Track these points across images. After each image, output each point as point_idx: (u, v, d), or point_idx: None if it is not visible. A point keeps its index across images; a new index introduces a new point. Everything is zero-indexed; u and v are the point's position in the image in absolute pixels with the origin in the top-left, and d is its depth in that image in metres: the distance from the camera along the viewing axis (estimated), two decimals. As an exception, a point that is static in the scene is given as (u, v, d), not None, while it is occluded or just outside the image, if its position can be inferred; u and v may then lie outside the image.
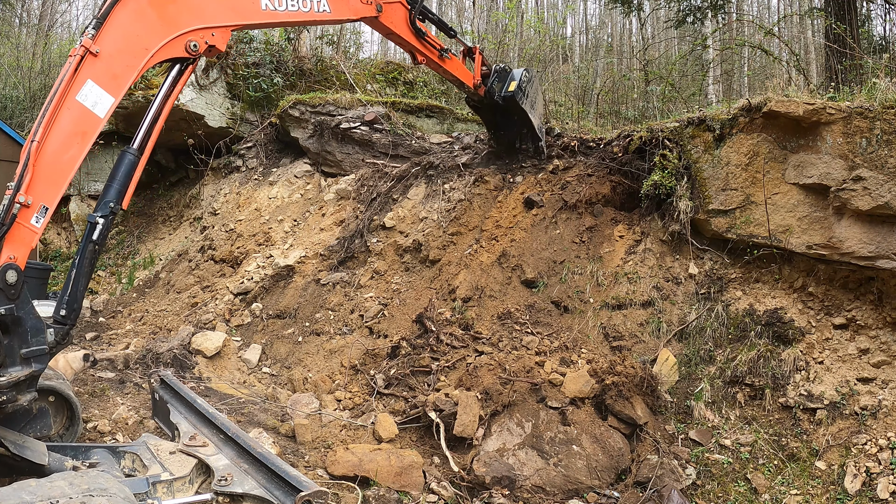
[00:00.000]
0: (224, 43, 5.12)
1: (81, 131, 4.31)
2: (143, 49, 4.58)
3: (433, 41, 7.69)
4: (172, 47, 4.78)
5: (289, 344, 8.63)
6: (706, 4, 13.17)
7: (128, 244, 13.12)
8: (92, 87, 4.31)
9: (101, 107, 4.37)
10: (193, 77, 12.11)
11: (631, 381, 6.60)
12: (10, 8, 22.72)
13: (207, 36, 4.98)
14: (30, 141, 4.11)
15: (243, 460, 4.42)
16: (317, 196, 11.26)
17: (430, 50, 7.65)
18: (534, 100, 9.18)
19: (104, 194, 4.69)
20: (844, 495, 5.69)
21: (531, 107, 9.04)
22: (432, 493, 5.53)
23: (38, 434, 4.89)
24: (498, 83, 8.81)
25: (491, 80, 8.81)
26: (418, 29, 7.38)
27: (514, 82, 8.80)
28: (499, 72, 8.88)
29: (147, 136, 4.87)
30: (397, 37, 7.30)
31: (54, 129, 4.19)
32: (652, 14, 20.32)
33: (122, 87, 4.47)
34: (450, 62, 8.06)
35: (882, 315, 6.55)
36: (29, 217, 4.11)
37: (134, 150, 4.79)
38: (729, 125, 7.49)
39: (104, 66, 4.36)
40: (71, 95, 4.24)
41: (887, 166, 6.17)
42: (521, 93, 8.81)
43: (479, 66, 8.75)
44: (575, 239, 8.65)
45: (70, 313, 4.51)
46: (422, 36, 7.46)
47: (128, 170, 4.73)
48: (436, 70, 8.12)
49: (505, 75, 8.91)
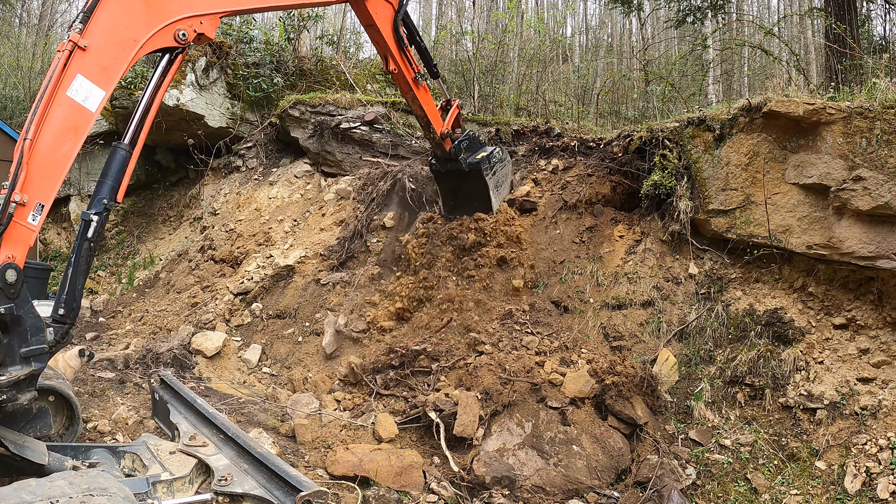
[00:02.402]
0: (213, 30, 5.02)
1: (74, 126, 4.28)
2: (132, 40, 4.52)
3: (412, 59, 7.32)
4: (161, 37, 4.71)
5: (289, 344, 8.64)
6: (706, 4, 13.17)
7: (128, 244, 13.12)
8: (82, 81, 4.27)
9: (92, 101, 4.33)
10: (193, 77, 12.11)
11: (631, 381, 6.61)
12: (10, 8, 22.72)
13: (196, 24, 4.90)
14: (22, 139, 4.08)
15: (243, 460, 4.42)
16: (317, 196, 11.27)
17: (405, 65, 7.25)
18: (500, 182, 8.61)
19: (97, 191, 4.67)
20: (844, 495, 5.69)
21: (495, 186, 8.46)
22: (432, 493, 5.53)
23: (38, 434, 4.89)
24: (467, 149, 8.28)
25: (461, 140, 8.28)
26: (400, 36, 7.08)
27: (484, 153, 8.38)
28: (471, 138, 8.42)
29: (138, 130, 4.84)
30: (376, 31, 6.93)
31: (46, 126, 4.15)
32: (652, 14, 20.32)
33: (113, 80, 4.43)
34: (422, 92, 7.59)
35: (882, 315, 6.55)
36: (25, 215, 4.09)
37: (125, 145, 4.76)
38: (729, 125, 7.49)
39: (93, 60, 4.32)
40: (61, 91, 4.20)
41: (887, 166, 6.17)
42: (488, 165, 8.35)
43: (453, 118, 8.27)
44: (575, 239, 8.65)
45: (69, 312, 4.50)
46: (401, 45, 7.13)
47: (120, 165, 4.70)
48: (404, 93, 7.60)
49: (476, 145, 8.45)
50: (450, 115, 8.26)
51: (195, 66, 12.10)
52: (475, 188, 8.45)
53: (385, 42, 7.04)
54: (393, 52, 7.12)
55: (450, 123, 8.21)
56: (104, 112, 12.28)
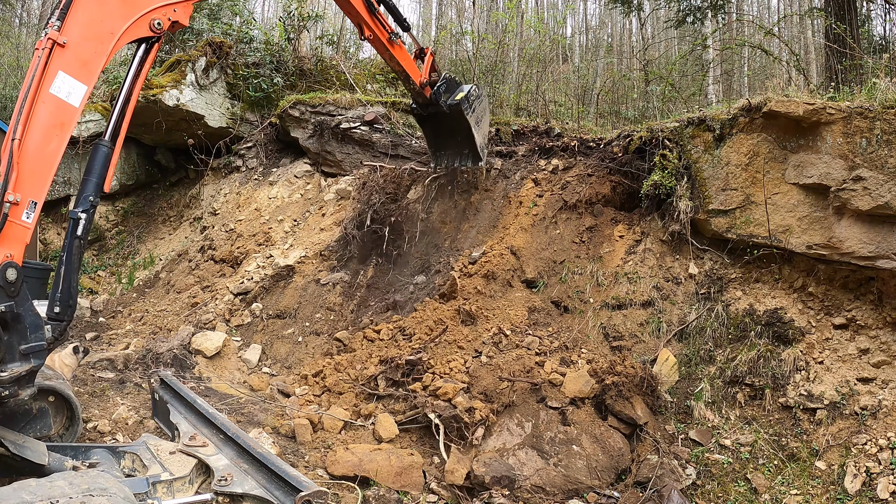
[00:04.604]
0: (187, 17, 5.13)
1: (59, 123, 4.36)
2: (109, 33, 4.61)
3: (384, 21, 7.62)
4: (137, 28, 4.81)
5: (289, 344, 8.64)
6: (706, 4, 13.17)
7: (128, 244, 13.11)
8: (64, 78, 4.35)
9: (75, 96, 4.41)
10: (193, 77, 12.10)
11: (631, 381, 6.60)
12: (10, 8, 22.72)
13: (169, 12, 5.00)
14: (9, 139, 4.14)
15: (243, 460, 4.42)
16: (317, 196, 11.27)
17: (379, 29, 7.53)
18: (479, 117, 9.04)
19: (83, 189, 4.76)
20: (844, 495, 5.69)
21: (476, 123, 8.89)
22: (432, 493, 5.53)
23: (38, 434, 4.89)
24: (445, 92, 8.68)
25: (439, 85, 8.66)
26: (370, 2, 7.32)
27: (462, 94, 8.73)
28: (448, 80, 8.78)
29: (119, 123, 4.91)
30: (347, 4, 7.18)
31: (33, 125, 4.23)
32: (652, 14, 20.32)
33: (94, 73, 4.51)
34: (398, 49, 7.93)
35: (882, 315, 6.55)
36: (19, 214, 4.17)
37: (106, 142, 4.84)
38: (729, 125, 7.49)
39: (73, 56, 4.39)
40: (44, 89, 4.27)
41: (887, 166, 6.17)
42: (467, 104, 8.67)
43: (429, 66, 8.62)
44: (575, 239, 8.65)
45: (66, 309, 4.57)
46: (373, 11, 7.40)
47: (103, 161, 4.79)
48: (382, 54, 7.96)
49: (454, 86, 8.84)
50: (426, 63, 8.62)
51: (195, 66, 12.09)
52: (457, 127, 8.86)
53: (357, 11, 7.27)
54: (365, 18, 7.37)
55: (427, 71, 8.53)
56: (101, 110, 12.28)
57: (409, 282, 9.03)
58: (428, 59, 8.65)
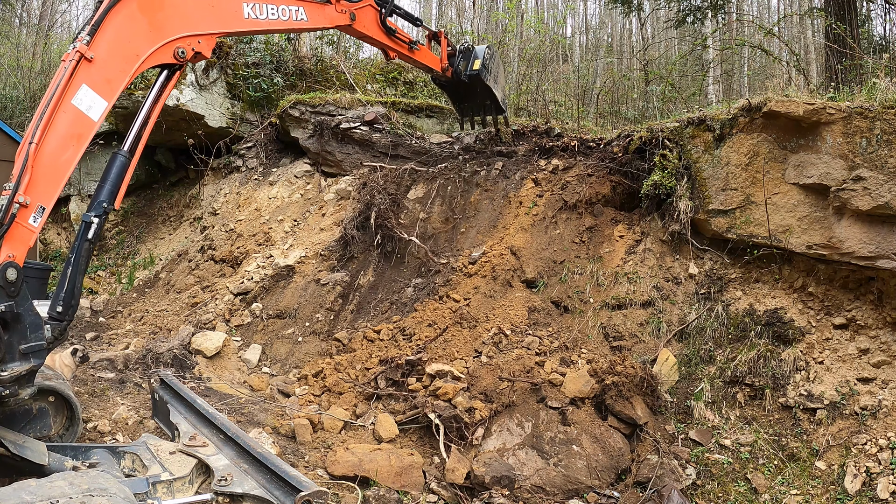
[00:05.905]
0: (209, 50, 5.32)
1: (77, 134, 4.43)
2: (135, 55, 4.75)
3: (402, 36, 7.97)
4: (162, 53, 4.95)
5: (289, 344, 8.64)
6: (706, 4, 13.17)
7: (128, 244, 13.12)
8: (87, 91, 4.45)
9: (95, 110, 4.50)
10: (193, 77, 12.10)
11: (631, 381, 6.60)
12: (10, 8, 22.72)
13: (194, 43, 5.18)
14: (27, 143, 4.20)
15: (243, 460, 4.42)
16: (317, 196, 11.27)
17: (400, 45, 7.92)
18: (496, 74, 9.57)
19: (97, 194, 4.82)
20: (844, 495, 5.69)
21: (494, 81, 9.43)
22: (432, 493, 5.53)
23: (38, 434, 4.90)
24: (463, 62, 9.18)
25: (457, 60, 9.18)
26: (388, 28, 7.64)
27: (479, 60, 9.16)
28: (463, 51, 9.24)
29: (137, 139, 5.02)
30: (370, 39, 7.59)
31: (51, 132, 4.29)
32: (652, 14, 20.31)
33: (115, 91, 4.62)
34: (419, 52, 8.39)
35: (882, 315, 6.55)
36: (27, 217, 4.20)
37: (125, 153, 4.93)
38: (729, 125, 7.49)
39: (98, 72, 4.50)
40: (67, 99, 4.36)
41: (887, 166, 6.17)
42: (485, 70, 9.16)
43: (445, 49, 9.09)
44: (575, 239, 8.65)
45: (67, 309, 4.60)
46: (392, 34, 7.74)
47: (119, 171, 4.88)
48: (407, 61, 8.46)
49: (469, 54, 9.26)
50: (441, 47, 9.04)
51: (195, 66, 12.09)
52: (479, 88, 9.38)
53: (381, 42, 7.68)
54: (388, 44, 7.76)
55: (444, 55, 9.00)
56: (106, 115, 12.28)
57: (409, 282, 9.04)
58: (443, 42, 9.08)
